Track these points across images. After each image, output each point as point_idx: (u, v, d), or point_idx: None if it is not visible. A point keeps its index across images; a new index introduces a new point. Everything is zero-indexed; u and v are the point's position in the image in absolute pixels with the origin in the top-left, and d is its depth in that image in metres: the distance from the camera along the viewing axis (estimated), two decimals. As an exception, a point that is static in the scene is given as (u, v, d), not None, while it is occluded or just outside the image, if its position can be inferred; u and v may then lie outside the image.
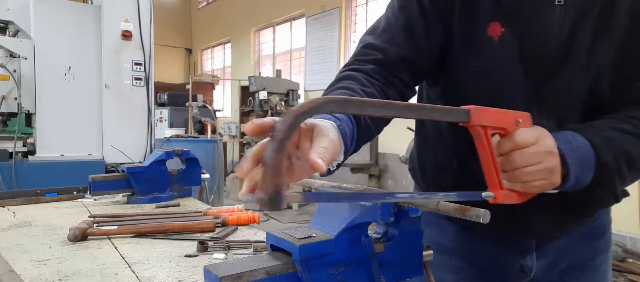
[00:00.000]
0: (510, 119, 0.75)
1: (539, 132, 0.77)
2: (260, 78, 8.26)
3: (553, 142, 0.77)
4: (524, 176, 0.75)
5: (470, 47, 0.92)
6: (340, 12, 8.33)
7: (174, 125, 7.01)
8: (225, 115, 11.78)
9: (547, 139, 0.77)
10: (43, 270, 1.00)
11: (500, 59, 0.90)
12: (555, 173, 0.77)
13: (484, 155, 0.75)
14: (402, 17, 0.96)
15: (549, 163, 0.76)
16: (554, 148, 0.76)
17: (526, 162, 0.74)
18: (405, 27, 0.95)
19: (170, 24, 14.18)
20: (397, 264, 0.71)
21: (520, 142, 0.74)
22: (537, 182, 0.76)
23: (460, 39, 0.93)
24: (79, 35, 3.17)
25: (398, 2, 0.98)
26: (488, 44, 0.90)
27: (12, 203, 1.71)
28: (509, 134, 0.75)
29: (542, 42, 0.88)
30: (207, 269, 0.59)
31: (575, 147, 0.79)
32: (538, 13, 0.87)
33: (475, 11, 0.90)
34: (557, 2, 0.85)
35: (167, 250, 1.15)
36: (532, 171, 0.75)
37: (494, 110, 0.73)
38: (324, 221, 0.68)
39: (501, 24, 0.88)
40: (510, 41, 0.88)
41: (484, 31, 0.90)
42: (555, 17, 0.86)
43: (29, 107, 3.01)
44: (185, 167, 1.85)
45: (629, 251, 4.14)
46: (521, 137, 0.74)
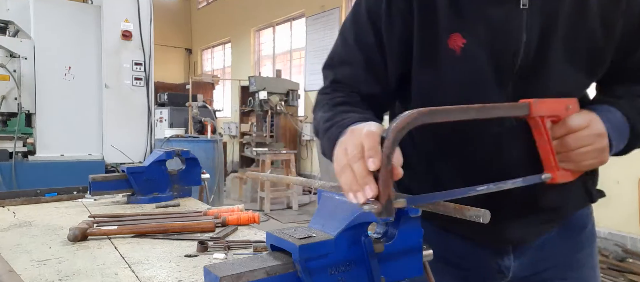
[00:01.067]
0: (562, 106, 0.82)
1: (590, 116, 0.83)
2: (260, 78, 8.26)
3: (603, 125, 0.83)
4: (578, 157, 0.82)
5: (431, 63, 0.90)
6: (340, 12, 8.33)
7: (174, 125, 7.01)
8: (225, 115, 11.78)
9: (597, 122, 0.83)
10: (43, 270, 1.00)
11: (465, 71, 0.88)
12: (605, 152, 0.83)
13: (542, 141, 0.83)
14: (360, 53, 0.95)
15: (600, 144, 0.82)
16: (604, 130, 0.83)
17: (580, 144, 0.81)
18: (366, 62, 0.94)
19: (170, 24, 14.18)
20: (397, 264, 0.71)
21: (573, 127, 0.81)
22: (589, 161, 0.83)
23: (421, 55, 0.90)
24: (79, 35, 3.17)
25: (352, 34, 0.96)
26: (450, 57, 0.87)
27: (12, 203, 1.71)
28: (561, 119, 0.82)
29: (510, 49, 0.85)
30: (207, 269, 0.59)
31: (614, 125, 0.85)
32: (503, 19, 0.85)
33: (433, 25, 0.88)
34: (521, 5, 0.84)
35: (167, 250, 1.15)
36: (586, 151, 0.81)
37: (548, 101, 0.81)
38: (324, 221, 0.68)
39: (462, 35, 0.86)
40: (474, 52, 0.86)
41: (444, 44, 0.87)
42: (522, 21, 0.84)
43: (29, 107, 3.01)
44: (185, 167, 1.85)
45: (629, 251, 4.14)
46: (574, 122, 0.81)
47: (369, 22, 0.93)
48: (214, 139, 5.48)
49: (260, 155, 6.68)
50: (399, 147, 0.64)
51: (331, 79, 0.99)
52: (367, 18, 0.93)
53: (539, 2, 0.84)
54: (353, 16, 0.97)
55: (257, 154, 6.80)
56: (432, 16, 0.88)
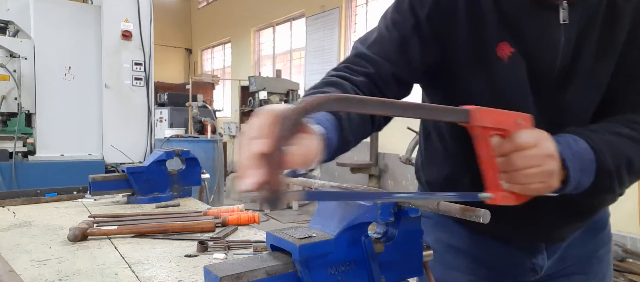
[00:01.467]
0: (511, 120, 0.75)
1: (540, 134, 0.77)
2: (260, 78, 8.26)
3: (553, 146, 0.77)
4: (523, 178, 0.75)
5: (479, 68, 0.91)
6: (340, 12, 8.33)
7: (174, 125, 7.00)
8: (225, 115, 11.78)
9: (547, 142, 0.76)
10: (43, 270, 1.00)
11: (510, 79, 0.89)
12: (554, 176, 0.76)
13: (483, 156, 0.75)
14: (396, 34, 0.94)
15: (549, 166, 0.75)
16: (555, 151, 0.76)
17: (526, 165, 0.74)
18: (398, 44, 0.94)
19: (170, 24, 14.18)
20: (397, 264, 0.71)
21: (520, 144, 0.74)
22: (536, 184, 0.76)
23: (468, 58, 0.92)
24: (79, 35, 3.17)
25: (392, 16, 0.97)
26: (498, 65, 0.89)
27: (12, 203, 1.71)
28: (509, 135, 0.74)
29: (550, 60, 0.88)
30: (207, 269, 0.59)
31: (576, 152, 0.78)
32: (544, 32, 0.87)
33: (483, 31, 0.89)
34: (562, 21, 0.85)
35: (167, 250, 1.15)
36: (531, 173, 0.74)
37: (494, 111, 0.73)
38: (324, 221, 0.68)
39: (510, 44, 0.88)
40: (519, 61, 0.88)
41: (493, 51, 0.89)
42: (560, 35, 0.86)
43: (29, 107, 3.01)
44: (185, 167, 1.85)
45: (629, 251, 4.14)
46: (521, 139, 0.74)
47: (410, 11, 0.94)
48: (214, 139, 5.48)
49: (260, 155, 6.66)
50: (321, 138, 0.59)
51: (355, 53, 0.98)
52: (409, 7, 0.94)
53: (577, 19, 0.86)
54: (396, 5, 0.98)
55: (257, 154, 6.78)
56: (481, 23, 0.89)
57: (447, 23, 0.91)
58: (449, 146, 1.05)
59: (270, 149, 0.52)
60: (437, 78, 0.99)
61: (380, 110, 0.60)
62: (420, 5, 0.93)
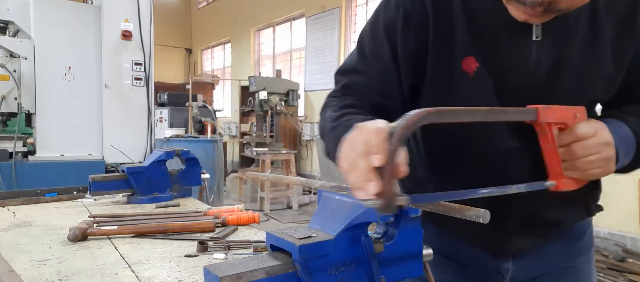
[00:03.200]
0: (570, 114, 0.82)
1: (597, 125, 0.82)
2: (260, 78, 8.26)
3: (610, 135, 0.82)
4: (584, 165, 0.81)
5: (444, 82, 0.92)
6: (340, 12, 8.33)
7: (174, 125, 7.00)
8: (225, 115, 11.78)
9: (604, 131, 0.82)
10: (43, 270, 1.00)
11: (475, 94, 0.90)
12: (611, 162, 0.83)
13: (548, 148, 0.83)
14: (376, 63, 0.96)
15: (607, 153, 0.82)
16: (611, 139, 0.82)
17: (586, 153, 0.80)
18: (380, 73, 0.96)
19: (170, 24, 14.18)
20: (397, 264, 0.71)
21: (580, 135, 0.80)
22: (595, 170, 0.82)
23: (434, 74, 0.92)
24: (79, 35, 3.17)
25: (369, 46, 0.98)
26: (463, 79, 0.89)
27: (12, 203, 1.70)
28: (569, 127, 0.81)
29: (519, 78, 0.88)
30: (207, 269, 0.59)
31: (622, 138, 0.85)
32: (514, 49, 0.87)
33: (450, 46, 0.90)
34: (534, 37, 0.86)
35: (167, 250, 1.15)
36: (591, 160, 0.81)
37: (556, 108, 0.80)
38: (324, 221, 0.68)
39: (476, 59, 0.88)
40: (485, 77, 0.88)
41: (459, 66, 0.89)
42: (531, 53, 0.86)
43: (29, 107, 3.01)
44: (185, 167, 1.85)
45: (629, 251, 4.14)
46: (582, 130, 0.80)
47: (385, 36, 0.95)
48: (214, 139, 5.48)
49: (260, 155, 6.68)
50: (405, 146, 0.64)
51: (343, 84, 1.01)
52: (384, 32, 0.95)
53: (552, 36, 0.86)
54: (371, 28, 0.99)
55: (257, 154, 6.80)
56: (449, 37, 0.89)
57: (420, 41, 0.92)
58: (420, 149, 1.06)
59: (384, 163, 0.59)
60: (415, 96, 0.99)
61: (469, 118, 0.69)
62: (393, 27, 0.93)
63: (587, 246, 1.11)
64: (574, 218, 1.06)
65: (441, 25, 0.90)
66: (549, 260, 1.06)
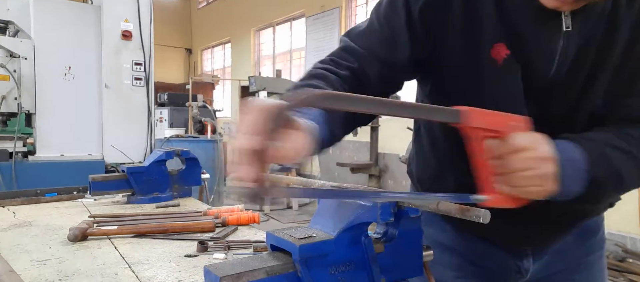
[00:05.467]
0: (505, 122, 0.73)
1: (536, 137, 0.75)
2: (260, 78, 8.25)
3: (550, 149, 0.75)
4: (518, 181, 0.73)
5: (471, 68, 0.89)
6: (340, 12, 8.33)
7: (174, 125, 7.00)
8: (225, 115, 11.77)
9: (543, 145, 0.75)
10: (43, 270, 0.99)
11: (503, 82, 0.87)
12: (549, 180, 0.75)
13: (476, 157, 0.74)
14: (387, 30, 0.92)
15: (544, 169, 0.74)
16: (550, 154, 0.74)
17: (521, 167, 0.72)
18: (388, 39, 0.92)
19: (170, 24, 14.17)
20: (397, 264, 0.71)
21: (516, 146, 0.72)
22: (531, 188, 0.74)
23: (460, 59, 0.89)
24: (79, 35, 3.17)
25: (384, 10, 0.94)
26: (491, 67, 0.86)
27: (12, 203, 1.70)
28: (504, 137, 0.73)
29: (545, 68, 0.85)
30: (207, 269, 0.59)
31: (571, 159, 0.77)
32: (543, 38, 0.84)
33: (478, 31, 0.86)
34: (565, 27, 0.82)
35: (167, 250, 1.15)
36: (526, 176, 0.73)
37: (488, 113, 0.71)
38: (324, 221, 0.68)
39: (507, 46, 0.85)
40: (514, 65, 0.85)
41: (487, 53, 0.86)
42: (559, 43, 0.83)
43: (29, 107, 3.01)
44: (185, 167, 1.85)
45: (629, 251, 4.14)
46: (517, 141, 0.73)
47: (403, 5, 0.90)
48: (214, 139, 5.48)
49: (260, 155, 6.66)
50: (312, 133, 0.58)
51: (342, 46, 0.96)
52: (404, 3, 0.91)
53: (579, 27, 0.83)
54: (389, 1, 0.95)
55: (257, 154, 6.78)
56: (477, 23, 0.86)
57: (441, 17, 0.88)
58: (437, 143, 1.04)
59: (256, 145, 0.52)
60: (428, 74, 0.97)
61: (369, 109, 0.59)
62: (414, 2, 0.89)
63: (601, 243, 1.12)
64: (592, 209, 1.03)
65: (468, 8, 0.87)
66: (566, 257, 1.07)
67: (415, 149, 1.16)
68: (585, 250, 1.09)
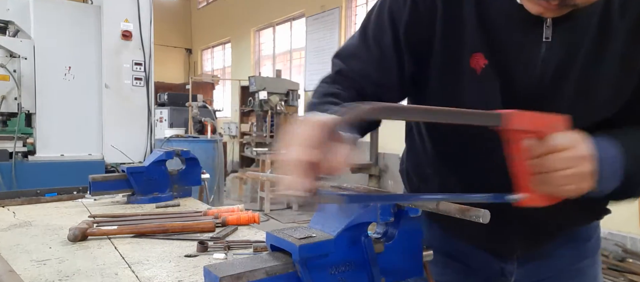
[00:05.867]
0: (545, 122, 0.74)
1: (575, 136, 0.75)
2: (260, 78, 8.26)
3: (589, 148, 0.75)
4: (556, 180, 0.74)
5: (450, 78, 0.90)
6: (340, 12, 8.33)
7: (174, 125, 7.00)
8: (225, 115, 11.78)
9: (583, 144, 0.75)
10: (43, 270, 1.00)
11: (481, 91, 0.87)
12: (586, 179, 0.75)
13: (514, 158, 0.75)
14: (376, 50, 0.94)
15: (582, 168, 0.74)
16: (589, 153, 0.74)
17: (559, 166, 0.73)
18: (378, 61, 0.93)
19: (170, 24, 14.17)
20: (397, 264, 0.71)
21: (555, 146, 0.73)
22: (568, 186, 0.75)
23: (440, 68, 0.90)
24: (79, 35, 3.17)
25: (372, 30, 0.96)
26: (470, 76, 0.87)
27: (12, 203, 1.70)
28: (543, 137, 0.74)
29: (525, 78, 0.85)
30: (207, 269, 0.59)
31: (609, 156, 0.77)
32: (523, 48, 0.84)
33: (458, 41, 0.87)
34: (544, 38, 0.82)
35: (167, 250, 1.15)
36: (564, 175, 0.73)
37: (528, 114, 0.73)
38: (324, 221, 0.68)
39: (485, 56, 0.86)
40: (492, 74, 0.86)
41: (466, 62, 0.87)
42: (539, 54, 0.83)
43: (29, 107, 3.01)
44: (185, 167, 1.85)
45: (629, 251, 4.14)
46: (556, 141, 0.73)
47: (389, 23, 0.93)
48: (214, 139, 5.47)
49: (260, 155, 6.68)
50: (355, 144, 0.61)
51: (337, 70, 0.99)
52: (389, 18, 0.93)
53: (561, 38, 0.82)
54: (377, 13, 0.97)
55: (257, 154, 6.80)
56: (458, 32, 0.87)
57: (425, 32, 0.89)
58: (424, 142, 1.04)
59: (310, 157, 0.57)
60: (418, 90, 0.98)
61: (418, 117, 0.66)
62: (399, 13, 0.91)
63: (593, 250, 1.10)
64: (580, 222, 1.03)
65: (451, 18, 0.87)
66: (554, 263, 1.05)
67: (407, 147, 1.17)
68: (576, 256, 1.07)
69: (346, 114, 0.57)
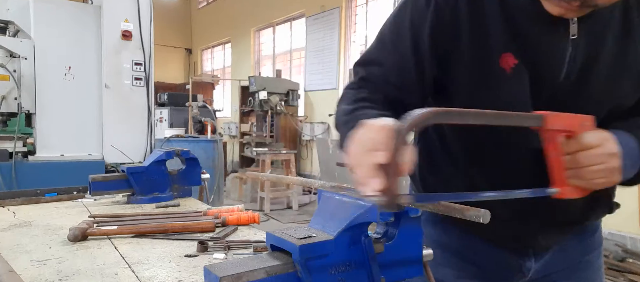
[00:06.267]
0: (577, 122, 0.82)
1: (604, 135, 0.82)
2: (260, 78, 8.26)
3: (616, 146, 0.82)
4: (588, 174, 0.81)
5: (479, 78, 0.91)
6: (340, 12, 8.33)
7: (174, 125, 7.00)
8: (225, 115, 11.78)
9: (610, 142, 0.82)
10: (43, 270, 1.00)
11: (511, 91, 0.89)
12: (615, 173, 0.82)
13: (553, 155, 0.83)
14: (395, 56, 0.95)
15: (612, 164, 0.81)
16: (617, 150, 0.82)
17: (591, 162, 0.80)
18: (398, 65, 0.95)
19: (170, 24, 14.18)
20: (397, 264, 0.71)
21: (586, 144, 0.80)
22: (599, 180, 0.82)
23: (468, 69, 0.91)
24: (79, 35, 3.17)
25: (390, 37, 0.97)
26: (500, 76, 0.89)
27: (12, 203, 1.70)
28: (575, 136, 0.81)
29: (553, 75, 0.88)
30: (207, 269, 0.59)
31: (630, 149, 0.84)
32: (551, 46, 0.86)
33: (486, 42, 0.89)
34: (571, 35, 0.85)
35: (167, 250, 1.15)
36: (595, 170, 0.81)
37: (563, 115, 0.80)
38: (324, 221, 0.68)
39: (515, 56, 0.88)
40: (522, 73, 0.88)
41: (496, 62, 0.89)
42: (567, 51, 0.86)
43: (29, 107, 3.01)
44: (185, 167, 1.85)
45: (629, 251, 4.14)
46: (588, 139, 0.80)
47: (410, 28, 0.93)
48: (214, 139, 5.47)
49: (260, 155, 6.68)
50: (414, 145, 0.64)
51: (360, 76, 1.00)
52: (409, 23, 0.94)
53: (587, 34, 0.85)
54: (395, 18, 0.98)
55: (257, 154, 6.80)
56: (484, 33, 0.89)
57: (450, 35, 0.90)
58: (451, 150, 1.05)
59: (389, 160, 0.60)
60: (441, 90, 0.99)
61: (475, 121, 0.69)
62: (420, 21, 0.92)
63: (598, 242, 1.15)
64: (598, 215, 1.08)
65: (475, 20, 0.89)
66: (567, 255, 1.09)
67: (423, 159, 1.15)
68: (584, 249, 1.11)
69: (409, 120, 0.61)
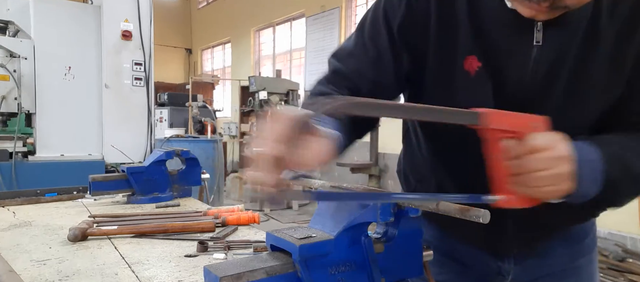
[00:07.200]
0: (524, 122, 0.73)
1: (555, 137, 0.74)
2: (260, 78, 8.25)
3: (567, 148, 0.74)
4: (533, 181, 0.73)
5: (444, 79, 0.91)
6: (340, 12, 8.33)
7: (174, 125, 7.00)
8: (225, 115, 11.78)
9: (561, 144, 0.74)
10: (43, 270, 1.00)
11: (475, 94, 0.88)
12: (565, 180, 0.74)
13: (493, 158, 0.74)
14: (373, 49, 0.95)
15: (561, 169, 0.73)
16: (568, 154, 0.73)
17: (537, 167, 0.72)
18: (374, 60, 0.95)
19: (170, 24, 14.17)
20: (397, 264, 0.71)
21: (534, 147, 0.72)
22: (547, 188, 0.73)
23: (435, 71, 0.91)
24: (79, 35, 3.17)
25: (368, 30, 0.97)
26: (464, 78, 0.88)
27: (12, 203, 1.70)
28: (522, 137, 0.72)
29: (516, 81, 0.86)
30: (207, 269, 0.59)
31: (589, 161, 0.76)
32: (515, 51, 0.85)
33: (452, 44, 0.88)
34: (535, 42, 0.83)
35: (167, 250, 1.15)
36: (542, 176, 0.72)
37: (506, 114, 0.72)
38: (324, 221, 0.68)
39: (478, 59, 0.87)
40: (485, 77, 0.87)
41: (460, 65, 0.88)
42: (531, 56, 0.84)
43: (29, 107, 3.01)
44: (185, 167, 1.85)
45: (629, 251, 4.14)
46: (534, 141, 0.72)
47: (384, 23, 0.94)
48: (214, 139, 5.48)
49: (260, 155, 6.66)
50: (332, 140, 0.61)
51: (332, 69, 1.00)
52: (384, 18, 0.94)
53: (551, 41, 0.83)
54: (373, 13, 0.98)
55: (257, 154, 6.79)
56: (452, 34, 0.88)
57: (419, 33, 0.90)
58: (420, 147, 1.05)
59: (276, 151, 0.55)
60: (411, 88, 0.99)
61: (395, 114, 0.62)
62: (393, 13, 0.92)
63: (589, 247, 1.10)
64: (575, 220, 1.04)
65: (444, 21, 0.89)
66: (550, 261, 1.06)
67: (404, 150, 1.18)
68: (572, 255, 1.07)
69: (317, 108, 0.56)
